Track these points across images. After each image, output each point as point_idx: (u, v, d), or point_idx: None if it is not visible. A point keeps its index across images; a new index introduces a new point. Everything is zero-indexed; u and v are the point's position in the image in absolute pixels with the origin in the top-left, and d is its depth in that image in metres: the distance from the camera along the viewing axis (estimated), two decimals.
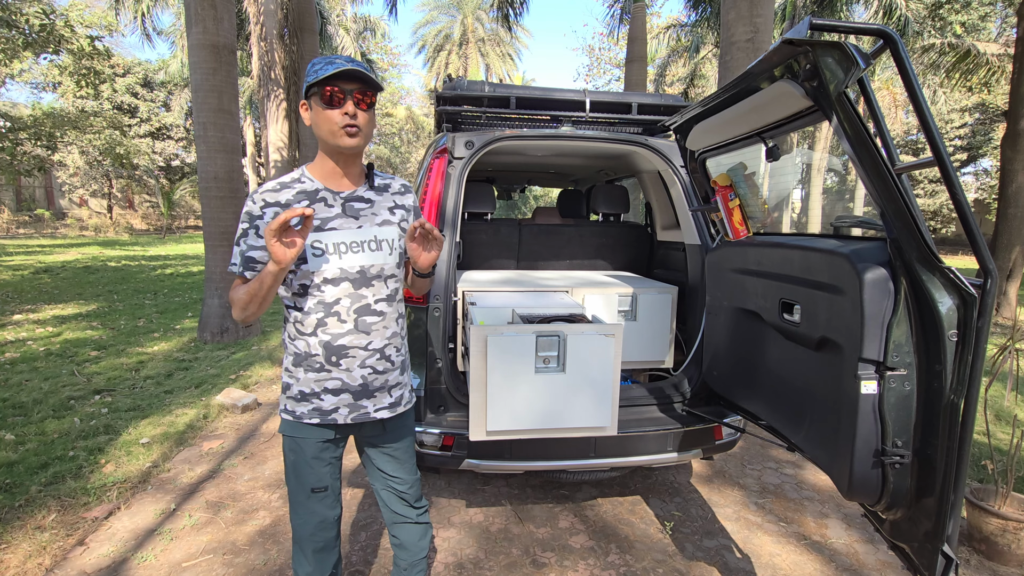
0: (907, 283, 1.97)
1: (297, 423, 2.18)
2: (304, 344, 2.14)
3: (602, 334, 2.81)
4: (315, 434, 2.19)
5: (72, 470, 4.28)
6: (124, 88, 34.83)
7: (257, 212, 2.04)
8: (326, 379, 2.15)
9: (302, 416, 2.16)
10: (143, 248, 24.22)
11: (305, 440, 2.19)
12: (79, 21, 16.68)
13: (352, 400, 2.19)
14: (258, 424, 5.42)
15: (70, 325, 9.17)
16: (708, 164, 3.36)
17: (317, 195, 2.10)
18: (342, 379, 2.16)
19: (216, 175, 8.13)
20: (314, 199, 2.09)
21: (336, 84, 1.97)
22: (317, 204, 2.09)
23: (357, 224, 2.15)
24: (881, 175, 1.91)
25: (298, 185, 2.10)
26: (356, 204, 2.18)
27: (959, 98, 29.47)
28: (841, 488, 2.20)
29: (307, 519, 2.24)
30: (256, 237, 2.06)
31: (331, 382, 2.15)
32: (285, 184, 2.10)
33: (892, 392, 2.03)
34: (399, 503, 2.45)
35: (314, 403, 2.16)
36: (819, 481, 4.48)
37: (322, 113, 2.01)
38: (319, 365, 2.14)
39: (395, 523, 2.50)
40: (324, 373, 2.15)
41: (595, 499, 4.17)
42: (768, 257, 2.78)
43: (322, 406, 2.16)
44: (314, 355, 2.14)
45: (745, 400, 3.11)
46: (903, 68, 1.72)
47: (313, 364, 2.14)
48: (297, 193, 2.08)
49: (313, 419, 2.16)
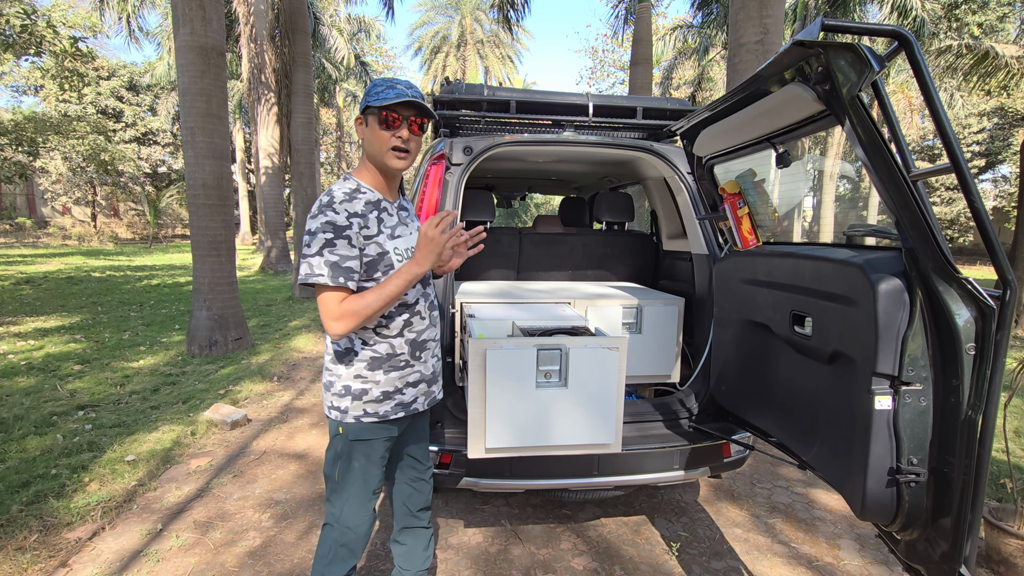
0: (923, 294, 1.98)
1: (372, 426, 2.35)
2: (387, 346, 2.34)
3: (606, 347, 2.81)
4: (386, 432, 2.40)
5: (54, 489, 4.28)
6: (109, 91, 34.96)
7: (344, 222, 2.14)
8: (409, 374, 2.40)
9: (387, 415, 2.36)
10: (128, 258, 24.20)
11: (379, 441, 2.39)
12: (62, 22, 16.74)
13: (427, 388, 2.50)
14: (248, 441, 5.41)
15: (52, 338, 9.15)
16: (716, 171, 3.37)
17: (379, 205, 2.31)
18: (421, 371, 2.45)
19: (204, 182, 8.12)
20: (379, 208, 2.28)
21: (396, 109, 2.18)
22: (382, 214, 2.29)
23: (408, 231, 2.42)
24: (896, 182, 1.91)
25: (361, 196, 2.25)
26: (403, 213, 2.45)
27: (977, 102, 29.50)
28: (854, 508, 2.20)
29: (365, 519, 2.44)
30: (349, 247, 2.14)
31: (412, 376, 2.42)
32: (352, 195, 2.23)
33: (907, 408, 2.03)
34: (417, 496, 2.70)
35: (396, 399, 2.38)
36: (831, 501, 4.48)
37: (378, 132, 2.21)
38: (404, 363, 2.39)
39: (405, 528, 2.71)
40: (408, 369, 2.40)
41: (598, 519, 4.17)
42: (778, 267, 2.79)
43: (404, 400, 2.40)
44: (399, 354, 2.37)
45: (754, 416, 3.11)
46: (918, 71, 1.72)
47: (398, 363, 2.37)
48: (366, 204, 2.24)
49: (398, 413, 2.38)
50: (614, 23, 20.04)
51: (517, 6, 17.45)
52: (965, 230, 34.44)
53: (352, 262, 2.15)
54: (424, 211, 3.53)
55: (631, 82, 16.38)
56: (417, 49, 47.09)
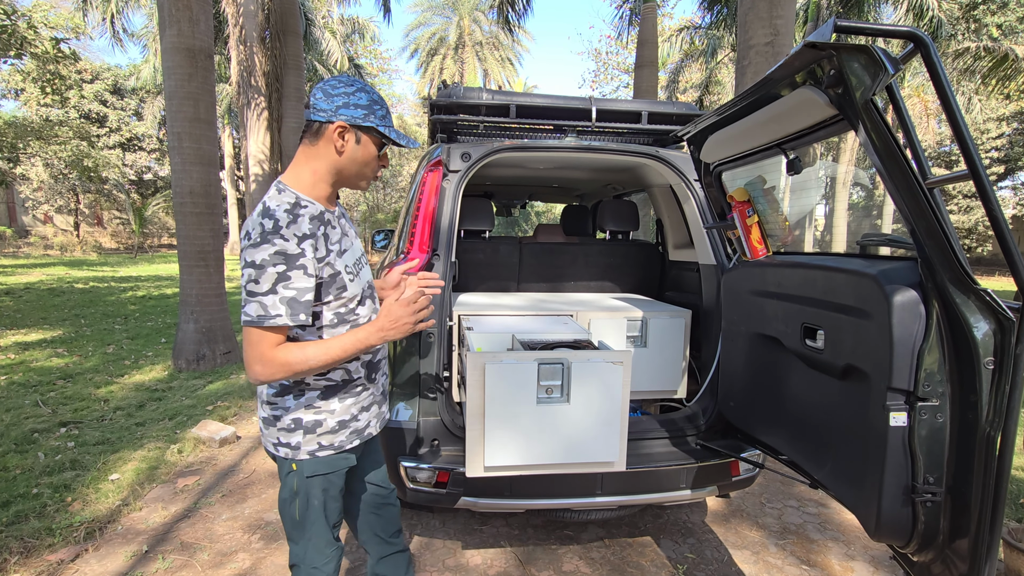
0: (939, 306, 1.98)
1: (329, 459, 2.23)
2: (342, 372, 2.24)
3: (610, 362, 2.81)
4: (345, 463, 2.29)
5: (36, 509, 4.27)
6: (92, 95, 35.07)
7: (295, 250, 1.94)
8: (364, 399, 2.32)
9: (343, 445, 2.25)
10: (113, 269, 24.23)
11: (337, 474, 2.28)
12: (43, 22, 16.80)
13: (378, 410, 2.42)
14: (237, 459, 5.41)
15: (34, 352, 9.16)
16: (724, 178, 3.38)
17: (323, 218, 2.11)
18: (374, 392, 2.37)
19: (192, 189, 8.14)
20: (323, 223, 2.10)
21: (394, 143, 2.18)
22: (327, 228, 2.11)
23: (350, 240, 2.28)
24: (911, 189, 1.92)
25: (303, 211, 2.03)
26: (343, 221, 2.30)
27: (996, 106, 29.60)
28: (868, 528, 2.20)
29: (332, 555, 2.33)
30: (305, 277, 1.97)
31: (366, 399, 2.33)
32: (295, 213, 2.01)
33: (923, 424, 2.03)
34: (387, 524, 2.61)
35: (352, 427, 2.28)
36: (844, 521, 4.47)
37: (367, 153, 2.15)
38: (360, 387, 2.30)
39: (382, 557, 2.62)
40: (364, 393, 2.32)
41: (602, 540, 4.16)
42: (789, 278, 2.80)
43: (358, 426, 2.30)
44: (356, 379, 2.27)
45: (764, 433, 3.11)
46: (935, 73, 1.72)
47: (354, 389, 2.28)
48: (311, 220, 2.04)
49: (354, 442, 2.28)
50: (618, 24, 20.10)
51: (517, 7, 17.51)
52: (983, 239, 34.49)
53: (310, 295, 2.00)
54: (421, 220, 3.53)
55: (636, 85, 16.41)
56: (413, 51, 47.24)
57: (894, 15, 19.71)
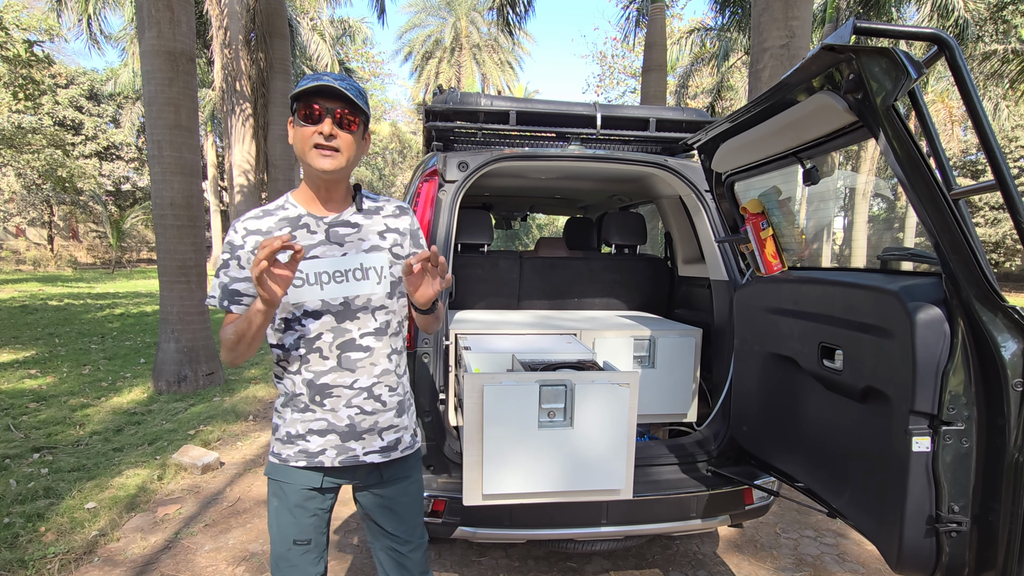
0: (965, 325, 1.99)
1: (283, 466, 2.26)
2: (290, 383, 2.24)
3: (616, 383, 2.81)
4: (300, 479, 2.26)
5: (7, 539, 4.26)
6: (67, 101, 35.14)
7: (239, 241, 2.14)
8: (311, 419, 2.23)
9: (288, 459, 2.24)
10: (89, 285, 24.25)
11: (290, 485, 2.26)
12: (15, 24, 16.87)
13: (339, 442, 2.25)
14: (221, 487, 5.40)
15: (5, 373, 9.16)
16: (737, 188, 3.39)
17: (299, 221, 2.18)
18: (327, 419, 2.23)
19: (173, 201, 8.14)
20: (296, 226, 2.17)
21: (316, 100, 2.04)
22: (299, 231, 2.17)
23: (342, 251, 2.22)
24: (935, 201, 1.93)
25: (281, 212, 2.21)
26: (341, 230, 2.25)
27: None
28: (889, 560, 2.20)
29: (288, 573, 2.29)
30: (239, 268, 2.15)
31: (316, 423, 2.23)
32: (268, 211, 2.21)
33: (948, 450, 2.03)
34: (398, 570, 2.47)
35: (300, 444, 2.24)
36: (864, 552, 4.46)
37: (299, 129, 2.09)
38: (304, 405, 2.23)
39: None
40: (309, 413, 2.23)
41: (607, 572, 4.15)
42: (805, 295, 2.80)
43: (308, 448, 2.23)
44: (299, 394, 2.23)
45: (779, 459, 3.11)
46: (960, 78, 1.74)
47: (298, 404, 2.24)
48: (279, 220, 2.19)
49: (299, 461, 2.24)
50: (624, 25, 20.14)
51: (518, 8, 17.53)
52: (1011, 253, 34.50)
53: (240, 284, 2.15)
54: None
55: (643, 90, 16.47)
56: (407, 54, 47.40)
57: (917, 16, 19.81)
